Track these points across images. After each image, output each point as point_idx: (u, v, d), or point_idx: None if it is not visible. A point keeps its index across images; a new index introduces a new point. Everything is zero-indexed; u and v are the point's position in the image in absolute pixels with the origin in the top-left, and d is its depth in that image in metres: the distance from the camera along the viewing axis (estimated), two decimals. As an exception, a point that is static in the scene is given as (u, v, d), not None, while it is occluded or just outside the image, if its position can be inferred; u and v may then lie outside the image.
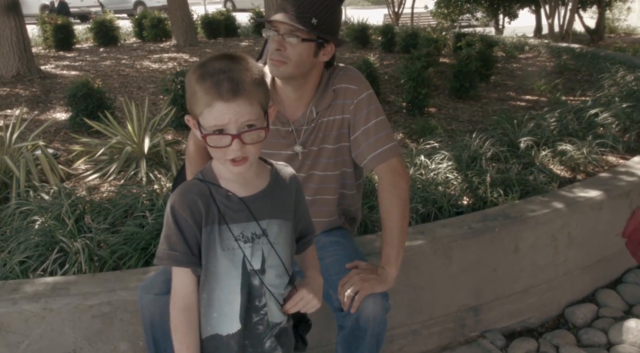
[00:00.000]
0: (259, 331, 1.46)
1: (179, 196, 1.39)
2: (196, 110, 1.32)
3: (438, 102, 5.72)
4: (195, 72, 1.32)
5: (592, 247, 3.13)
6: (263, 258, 1.44)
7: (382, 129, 2.01)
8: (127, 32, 10.62)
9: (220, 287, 1.41)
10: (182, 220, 1.36)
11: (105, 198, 3.12)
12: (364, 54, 7.92)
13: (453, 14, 17.22)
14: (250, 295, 1.44)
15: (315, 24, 1.86)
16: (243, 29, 11.17)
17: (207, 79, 1.28)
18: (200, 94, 1.29)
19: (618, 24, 19.41)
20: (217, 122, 1.29)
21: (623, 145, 3.91)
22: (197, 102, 1.31)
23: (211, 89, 1.27)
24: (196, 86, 1.30)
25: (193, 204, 1.37)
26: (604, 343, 2.82)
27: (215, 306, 1.42)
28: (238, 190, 1.42)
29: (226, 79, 1.28)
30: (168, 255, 1.37)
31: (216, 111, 1.28)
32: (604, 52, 8.58)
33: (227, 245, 1.40)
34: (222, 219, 1.39)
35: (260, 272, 1.44)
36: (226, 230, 1.40)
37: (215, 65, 1.30)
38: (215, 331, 1.43)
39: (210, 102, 1.28)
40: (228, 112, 1.28)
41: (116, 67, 7.11)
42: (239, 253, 1.41)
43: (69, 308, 2.13)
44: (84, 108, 4.50)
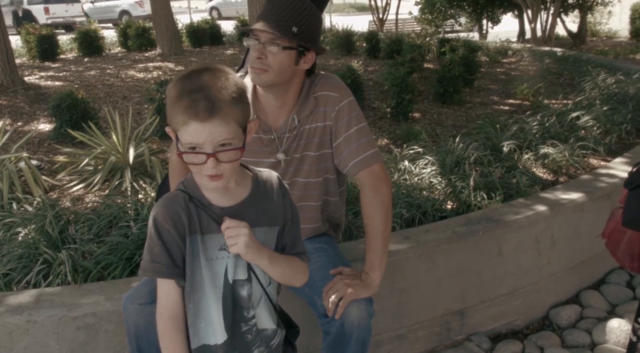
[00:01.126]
0: (247, 340, 1.47)
1: (162, 207, 1.39)
2: (174, 126, 1.32)
3: (422, 107, 5.76)
4: (174, 88, 1.32)
5: (575, 249, 3.16)
6: (249, 268, 1.45)
7: (364, 135, 2.03)
8: (112, 42, 10.57)
9: (206, 297, 1.41)
10: (165, 231, 1.37)
11: (89, 209, 3.11)
12: (349, 60, 7.95)
13: (437, 20, 17.36)
14: (237, 306, 1.44)
15: (295, 32, 1.88)
16: (228, 37, 11.17)
17: (185, 97, 1.28)
18: (177, 112, 1.29)
19: (600, 27, 19.61)
20: (192, 140, 1.29)
21: (604, 148, 3.96)
22: (174, 118, 1.31)
23: (187, 108, 1.27)
24: (174, 103, 1.30)
25: (175, 215, 1.38)
26: (588, 343, 2.85)
27: (202, 316, 1.42)
28: (220, 199, 1.43)
29: (202, 98, 1.27)
30: (152, 267, 1.38)
31: (192, 130, 1.28)
32: (585, 56, 8.69)
33: (210, 255, 1.41)
34: (205, 229, 1.40)
35: (247, 282, 1.44)
36: (209, 240, 1.41)
37: (194, 83, 1.30)
38: (202, 341, 1.43)
39: (186, 121, 1.28)
40: (203, 131, 1.28)
41: (101, 77, 7.08)
42: (221, 264, 1.41)
43: (53, 320, 2.11)
44: (68, 119, 4.48)
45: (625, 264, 1.84)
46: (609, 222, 1.86)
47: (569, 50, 10.82)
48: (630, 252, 1.78)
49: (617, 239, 1.82)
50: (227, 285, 1.42)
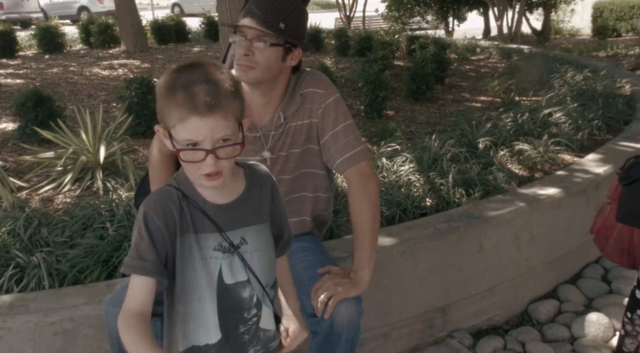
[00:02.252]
0: (243, 340, 1.42)
1: (153, 202, 1.31)
2: (168, 123, 1.25)
3: (395, 104, 5.76)
4: (167, 83, 1.25)
5: (553, 244, 3.19)
6: (247, 267, 1.39)
7: (351, 132, 2.00)
8: (73, 39, 10.33)
9: (197, 298, 1.36)
10: (155, 228, 1.29)
11: (61, 211, 3.01)
12: (318, 57, 7.93)
13: (404, 17, 17.47)
14: (237, 307, 1.39)
15: (283, 29, 1.85)
16: (194, 34, 11.03)
17: (181, 90, 1.22)
18: (173, 107, 1.23)
19: (563, 25, 20.04)
20: (191, 136, 1.23)
21: (577, 144, 4.02)
22: (169, 115, 1.24)
23: (186, 103, 1.21)
24: (168, 98, 1.23)
25: (168, 211, 1.30)
26: (568, 337, 2.87)
27: (192, 317, 1.37)
28: (215, 197, 1.37)
29: (202, 92, 1.21)
30: (138, 263, 1.29)
31: (191, 126, 1.22)
32: (552, 53, 8.84)
33: (205, 255, 1.35)
34: (199, 228, 1.34)
35: (247, 283, 1.40)
36: (204, 239, 1.34)
37: (189, 76, 1.24)
38: (192, 343, 1.38)
39: (185, 117, 1.22)
40: (204, 127, 1.22)
41: (64, 75, 6.89)
42: (215, 263, 1.36)
43: (28, 326, 2.03)
44: (34, 117, 4.33)
45: (614, 259, 1.85)
46: (597, 218, 1.87)
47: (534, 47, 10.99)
48: (620, 247, 1.79)
49: (606, 235, 1.83)
50: (222, 285, 1.37)
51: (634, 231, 1.72)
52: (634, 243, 1.74)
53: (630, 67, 8.68)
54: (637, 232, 1.71)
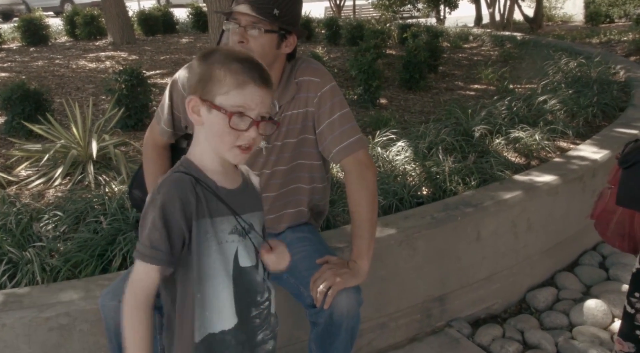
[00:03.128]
0: (255, 324, 1.44)
1: (168, 189, 1.30)
2: (218, 90, 1.30)
3: (389, 93, 5.73)
4: (215, 55, 1.32)
5: (550, 231, 3.18)
6: (256, 252, 1.43)
7: (347, 121, 1.97)
8: (58, 31, 10.19)
9: (213, 284, 1.36)
10: (171, 215, 1.28)
11: (53, 205, 2.96)
12: (309, 47, 7.87)
13: (394, 6, 17.37)
14: (251, 290, 1.41)
15: (277, 15, 1.81)
16: (182, 24, 10.92)
17: (237, 62, 1.30)
18: (229, 74, 1.29)
19: (555, 12, 20.00)
20: (244, 102, 1.29)
21: (572, 131, 4.00)
22: (222, 81, 1.29)
23: (245, 72, 1.29)
24: (222, 66, 1.29)
25: (183, 196, 1.30)
26: (566, 324, 2.87)
27: (208, 305, 1.36)
28: (224, 182, 1.39)
29: (257, 67, 1.32)
30: (150, 252, 1.29)
31: (247, 92, 1.29)
32: (545, 40, 8.82)
33: (222, 239, 1.36)
34: (215, 212, 1.35)
35: (256, 267, 1.43)
36: (219, 223, 1.35)
37: (237, 54, 1.33)
38: (208, 331, 1.37)
39: (243, 84, 1.29)
40: (258, 96, 1.30)
41: (50, 68, 6.80)
42: (232, 247, 1.37)
43: (23, 322, 2.00)
44: (21, 111, 4.27)
45: (615, 244, 1.84)
46: (597, 203, 1.85)
47: (527, 34, 10.97)
48: (621, 232, 1.78)
49: (606, 220, 1.81)
50: (238, 269, 1.39)
51: (634, 215, 1.71)
52: (635, 227, 1.72)
53: (624, 53, 8.69)
54: (637, 216, 1.70)
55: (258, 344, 1.46)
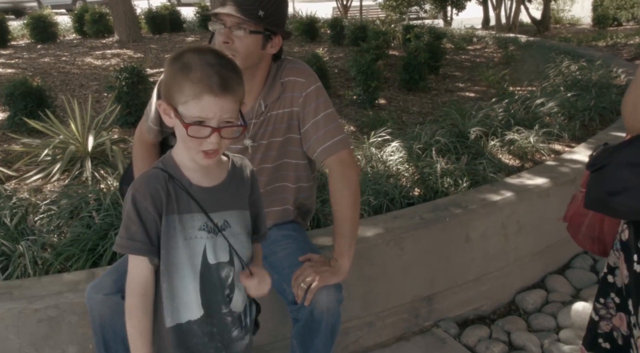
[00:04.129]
0: (227, 321, 1.48)
1: (141, 184, 1.38)
2: (178, 99, 1.31)
3: (388, 94, 5.75)
4: (182, 60, 1.32)
5: (541, 234, 3.19)
6: (230, 249, 1.46)
7: (331, 121, 2.00)
8: (67, 28, 10.24)
9: (182, 276, 1.41)
10: (143, 208, 1.36)
11: (48, 200, 3.01)
12: (313, 47, 7.90)
13: (401, 6, 17.35)
14: (218, 287, 1.45)
15: (262, 16, 1.85)
16: (189, 23, 10.96)
17: (197, 69, 1.29)
18: (187, 84, 1.29)
19: (563, 14, 19.88)
20: (202, 114, 1.30)
21: (569, 134, 4.01)
22: (181, 91, 1.30)
23: (202, 81, 1.28)
24: (183, 74, 1.30)
25: (155, 192, 1.36)
26: (554, 327, 2.88)
27: (176, 295, 1.42)
28: (201, 179, 1.43)
29: (216, 74, 1.29)
30: (128, 244, 1.37)
31: (204, 104, 1.29)
32: (549, 43, 8.80)
33: (189, 235, 1.40)
34: (184, 208, 1.40)
35: (228, 264, 1.46)
36: (188, 220, 1.40)
37: (203, 57, 1.31)
38: (176, 321, 1.43)
39: (199, 94, 1.29)
40: (215, 106, 1.30)
41: (56, 65, 6.85)
42: (200, 243, 1.41)
43: (12, 313, 2.04)
44: (23, 107, 4.32)
45: (586, 247, 1.85)
46: (570, 206, 1.87)
47: (533, 37, 10.95)
48: (591, 235, 1.79)
49: (578, 222, 1.83)
50: (206, 265, 1.43)
51: (604, 218, 1.73)
52: (605, 230, 1.74)
53: (629, 56, 8.65)
54: (607, 219, 1.71)
55: (234, 340, 1.50)
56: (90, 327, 1.87)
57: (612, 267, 1.71)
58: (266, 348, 2.38)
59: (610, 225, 1.71)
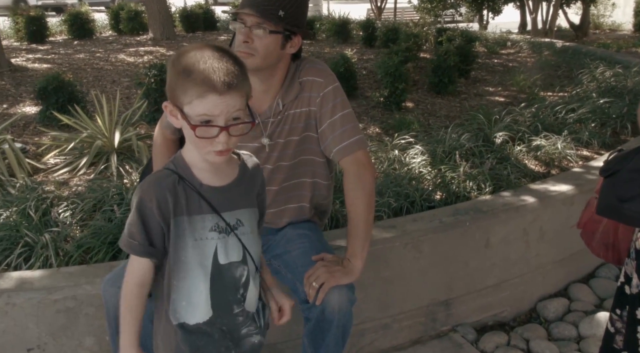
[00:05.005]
0: (237, 321, 1.49)
1: (148, 186, 1.38)
2: (183, 99, 1.30)
3: (416, 97, 5.71)
4: (181, 62, 1.31)
5: (564, 242, 3.13)
6: (244, 248, 1.46)
7: (348, 121, 2.00)
8: (103, 25, 10.44)
9: (191, 277, 1.42)
10: (147, 211, 1.36)
11: (74, 193, 3.07)
12: (345, 48, 7.89)
13: (437, 9, 17.20)
14: (230, 287, 1.45)
15: (282, 16, 1.86)
16: (222, 22, 11.07)
17: (198, 69, 1.28)
18: (190, 84, 1.28)
19: (603, 20, 19.44)
20: (207, 112, 1.29)
21: (598, 141, 3.93)
22: (185, 92, 1.29)
23: (205, 80, 1.27)
24: (186, 75, 1.29)
25: (161, 196, 1.36)
26: (575, 336, 2.83)
27: (184, 294, 1.42)
28: (211, 179, 1.42)
29: (220, 70, 1.28)
30: (127, 242, 1.39)
31: (209, 103, 1.28)
32: (585, 48, 8.62)
33: (200, 235, 1.40)
34: (194, 210, 1.39)
35: (241, 264, 1.46)
36: (199, 221, 1.40)
37: (204, 56, 1.30)
38: (183, 320, 1.43)
39: (204, 94, 1.28)
40: (220, 104, 1.28)
41: (90, 61, 6.99)
42: (210, 244, 1.41)
43: (32, 303, 2.09)
44: (55, 101, 4.42)
45: (600, 254, 1.82)
46: (584, 212, 1.84)
47: (571, 42, 10.75)
48: (605, 242, 1.76)
49: (592, 229, 1.80)
50: (217, 266, 1.43)
51: (619, 226, 1.69)
52: (619, 237, 1.70)
53: (671, 63, 8.42)
54: (622, 226, 1.68)
55: (242, 337, 1.50)
56: (105, 318, 1.91)
57: (629, 276, 1.67)
58: (279, 347, 2.39)
59: (625, 232, 1.68)
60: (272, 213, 2.12)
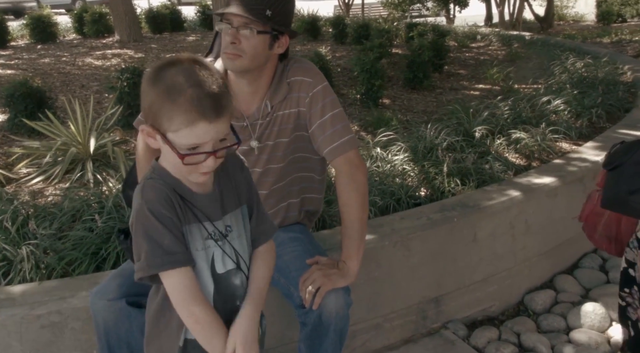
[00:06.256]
0: None
1: (153, 196, 1.27)
2: (168, 126, 1.21)
3: (392, 93, 5.70)
4: (163, 80, 1.21)
5: (549, 234, 3.15)
6: (237, 254, 1.40)
7: (339, 121, 1.96)
8: (66, 28, 10.19)
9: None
10: (167, 218, 1.26)
11: (50, 203, 2.97)
12: (315, 46, 7.85)
13: (404, 4, 17.30)
14: (230, 296, 1.39)
15: (269, 16, 1.81)
16: (190, 23, 10.92)
17: (185, 94, 1.19)
18: (178, 111, 1.19)
19: (566, 11, 19.80)
20: (197, 140, 1.22)
21: (575, 132, 3.96)
22: (171, 119, 1.20)
23: (194, 107, 1.19)
24: (169, 100, 1.19)
25: (168, 200, 1.27)
26: (563, 328, 2.84)
27: None
28: (197, 186, 1.35)
29: (207, 96, 1.20)
30: (168, 259, 1.25)
31: (199, 130, 1.21)
32: (553, 40, 8.75)
33: (198, 246, 1.33)
34: (191, 218, 1.32)
35: (238, 270, 1.40)
36: (196, 230, 1.33)
37: (187, 75, 1.21)
38: (187, 335, 1.38)
39: (193, 122, 1.19)
40: (211, 131, 1.22)
41: (56, 65, 6.80)
42: (208, 254, 1.35)
43: (15, 319, 2.01)
44: (23, 108, 4.28)
45: (602, 247, 1.82)
46: (586, 205, 1.85)
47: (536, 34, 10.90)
48: (608, 234, 1.77)
49: (594, 222, 1.81)
50: (216, 277, 1.37)
51: (621, 218, 1.70)
52: (622, 230, 1.71)
53: (635, 53, 8.59)
54: (624, 219, 1.69)
55: None
56: (93, 333, 1.85)
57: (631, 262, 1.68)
58: (273, 352, 2.35)
59: (628, 224, 1.69)
60: (263, 217, 2.07)
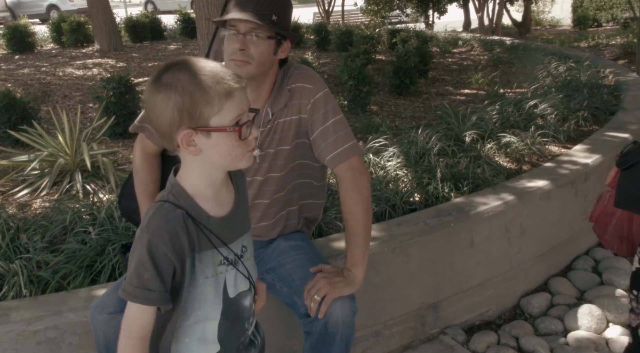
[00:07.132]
0: (241, 348, 1.42)
1: (159, 228, 1.22)
2: (211, 111, 1.20)
3: (379, 99, 5.71)
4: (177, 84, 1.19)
5: (543, 237, 3.16)
6: (249, 276, 1.37)
7: (341, 127, 1.94)
8: (44, 38, 10.09)
9: (202, 316, 1.32)
10: (161, 255, 1.21)
11: (40, 215, 2.91)
12: (299, 53, 7.84)
13: (383, 11, 17.39)
14: (239, 318, 1.37)
15: (275, 21, 1.79)
16: (170, 31, 10.87)
17: (203, 77, 1.19)
18: (210, 92, 1.19)
19: (543, 16, 20.10)
20: (239, 110, 1.23)
21: (563, 135, 4.00)
22: (210, 102, 1.19)
23: (220, 80, 1.20)
24: (197, 90, 1.19)
25: (174, 236, 1.22)
26: (561, 330, 2.85)
27: (188, 332, 1.32)
28: (215, 209, 1.30)
29: (221, 70, 1.23)
30: (140, 293, 1.22)
31: (236, 99, 1.22)
32: (534, 44, 8.85)
33: (210, 272, 1.29)
34: (205, 245, 1.27)
35: (249, 292, 1.38)
36: (209, 257, 1.29)
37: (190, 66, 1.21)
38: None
39: (229, 91, 1.20)
40: (244, 97, 1.24)
41: (36, 75, 6.71)
42: (220, 280, 1.31)
43: (10, 336, 1.95)
44: (7, 120, 4.22)
45: (613, 247, 1.82)
46: (596, 205, 1.84)
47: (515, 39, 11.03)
48: (619, 235, 1.77)
49: (605, 222, 1.80)
50: (227, 300, 1.33)
51: (633, 218, 1.70)
52: (633, 230, 1.71)
53: (612, 56, 8.73)
54: (636, 218, 1.69)
55: None
56: (91, 348, 1.83)
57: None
58: (273, 363, 2.32)
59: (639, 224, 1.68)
60: (264, 226, 2.05)
